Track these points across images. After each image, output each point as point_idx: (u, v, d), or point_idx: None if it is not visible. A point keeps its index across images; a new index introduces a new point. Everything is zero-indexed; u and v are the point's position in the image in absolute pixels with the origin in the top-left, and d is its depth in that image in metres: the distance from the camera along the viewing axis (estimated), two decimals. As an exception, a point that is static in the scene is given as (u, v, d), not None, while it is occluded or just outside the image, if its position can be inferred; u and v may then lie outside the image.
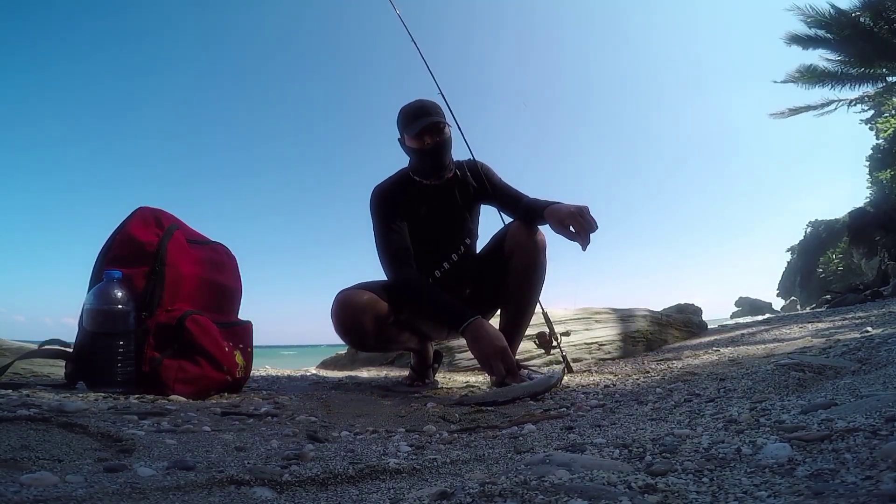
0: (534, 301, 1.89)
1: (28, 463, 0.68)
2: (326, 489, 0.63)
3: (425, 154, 1.79)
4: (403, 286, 1.74)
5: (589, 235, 1.58)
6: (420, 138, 1.77)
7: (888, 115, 13.66)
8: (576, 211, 1.58)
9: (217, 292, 1.64)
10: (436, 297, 1.70)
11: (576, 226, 1.58)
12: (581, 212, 1.58)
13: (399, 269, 1.75)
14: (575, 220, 1.58)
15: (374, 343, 1.75)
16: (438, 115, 1.79)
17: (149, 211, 1.58)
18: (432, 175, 1.86)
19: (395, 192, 1.85)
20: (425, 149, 1.78)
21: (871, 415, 0.67)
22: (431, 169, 1.84)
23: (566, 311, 3.51)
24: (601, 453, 0.69)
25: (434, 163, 1.83)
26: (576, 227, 1.58)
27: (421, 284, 1.73)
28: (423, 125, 1.74)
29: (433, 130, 1.77)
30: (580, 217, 1.57)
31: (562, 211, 1.62)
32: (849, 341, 1.74)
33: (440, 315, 1.72)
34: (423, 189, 1.87)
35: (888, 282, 7.70)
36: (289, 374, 2.55)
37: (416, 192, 1.86)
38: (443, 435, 1.01)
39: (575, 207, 1.60)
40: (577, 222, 1.57)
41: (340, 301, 1.68)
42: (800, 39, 10.32)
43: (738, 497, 0.48)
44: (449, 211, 1.89)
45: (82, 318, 1.42)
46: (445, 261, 1.89)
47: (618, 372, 2.03)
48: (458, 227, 1.92)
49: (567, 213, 1.60)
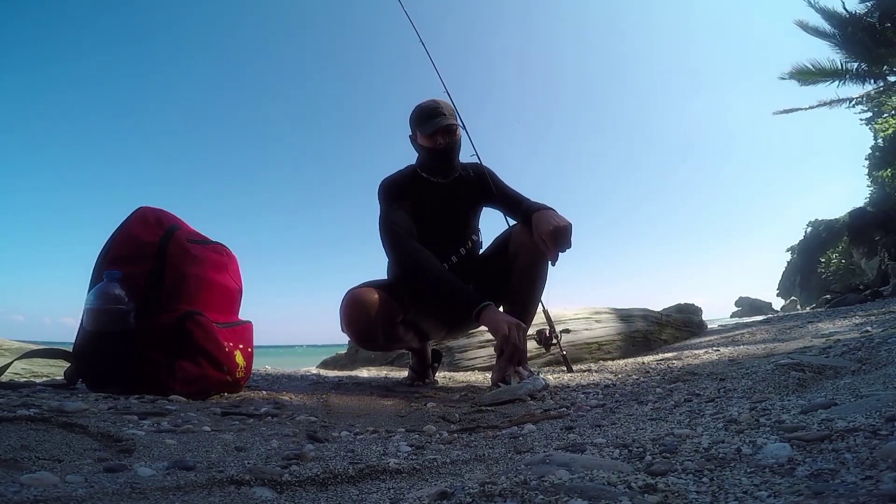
0: (536, 301, 1.91)
1: (28, 463, 0.68)
2: (326, 489, 0.63)
3: (437, 154, 1.84)
4: (413, 263, 1.69)
5: (558, 254, 1.68)
6: (433, 138, 1.81)
7: (888, 115, 13.66)
8: (553, 230, 1.65)
9: (217, 292, 1.64)
10: (449, 277, 1.68)
11: (550, 243, 1.66)
12: (558, 231, 1.65)
13: (408, 244, 1.72)
14: (551, 238, 1.66)
15: (382, 341, 1.77)
16: (452, 117, 1.84)
17: (149, 211, 1.58)
18: (441, 174, 1.90)
19: (403, 185, 1.89)
20: (437, 148, 1.82)
21: (871, 415, 0.67)
22: (441, 168, 1.89)
23: (566, 310, 3.51)
24: (601, 453, 0.69)
25: (444, 163, 1.87)
26: (550, 245, 1.67)
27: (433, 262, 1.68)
28: (437, 126, 1.78)
29: (447, 132, 1.82)
30: (556, 236, 1.65)
31: (543, 224, 1.68)
32: (849, 341, 1.74)
33: (452, 296, 1.65)
34: (430, 185, 1.90)
35: (888, 282, 7.69)
36: (289, 373, 2.55)
37: (423, 188, 1.89)
38: (443, 435, 1.01)
39: (554, 226, 1.65)
40: (553, 241, 1.66)
41: (350, 299, 1.69)
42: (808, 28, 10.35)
43: (738, 497, 0.48)
44: (454, 208, 1.93)
45: (82, 318, 1.42)
46: (451, 257, 1.92)
47: (618, 372, 2.03)
48: (464, 225, 1.95)
49: (546, 230, 1.66)
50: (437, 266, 1.69)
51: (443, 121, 1.79)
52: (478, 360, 2.81)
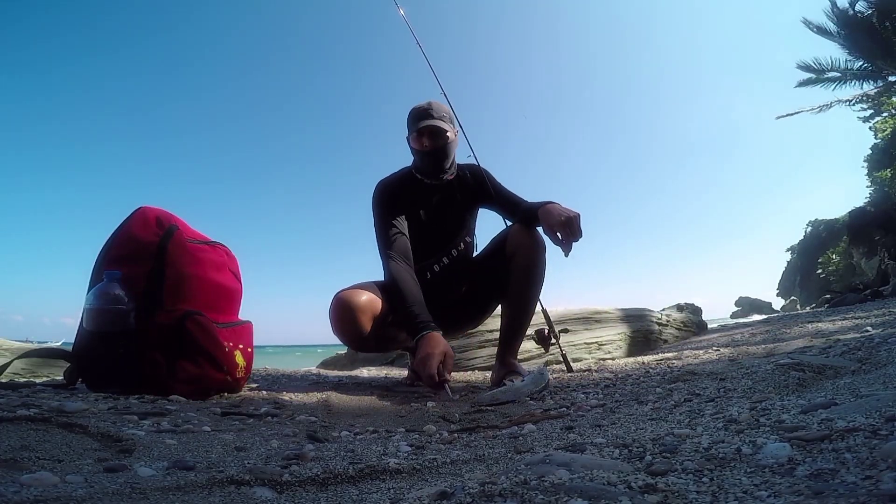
0: (534, 300, 1.91)
1: (28, 463, 0.68)
2: (326, 489, 0.63)
3: (424, 155, 1.84)
4: (389, 280, 1.75)
5: (571, 244, 1.64)
6: (420, 140, 1.82)
7: (887, 115, 13.65)
8: (565, 220, 1.62)
9: (217, 292, 1.64)
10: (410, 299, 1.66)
11: (563, 233, 1.63)
12: (570, 221, 1.62)
13: (388, 262, 1.77)
14: (563, 228, 1.62)
15: (373, 343, 1.76)
16: (442, 119, 1.82)
17: (149, 211, 1.58)
18: (431, 175, 1.90)
19: (398, 188, 1.90)
20: (423, 150, 1.83)
21: (871, 414, 0.67)
22: (429, 169, 1.88)
23: (566, 310, 3.51)
24: (601, 453, 0.69)
25: (432, 164, 1.87)
26: (562, 235, 1.63)
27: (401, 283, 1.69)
28: (420, 127, 1.79)
29: (432, 134, 1.81)
30: (568, 226, 1.62)
31: (553, 216, 1.65)
32: (849, 341, 1.74)
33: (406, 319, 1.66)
34: (425, 187, 1.91)
35: (888, 282, 7.69)
36: (289, 373, 2.55)
37: (418, 190, 1.90)
38: (443, 435, 1.01)
39: (565, 216, 1.63)
40: (565, 231, 1.62)
41: (338, 302, 1.69)
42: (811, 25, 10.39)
43: (738, 497, 0.48)
44: (448, 210, 1.92)
45: (82, 318, 1.42)
46: (443, 258, 1.92)
47: (618, 372, 2.03)
48: (456, 227, 1.94)
49: (557, 221, 1.63)
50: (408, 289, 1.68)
51: (428, 122, 1.79)
52: (478, 360, 2.80)
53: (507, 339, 1.88)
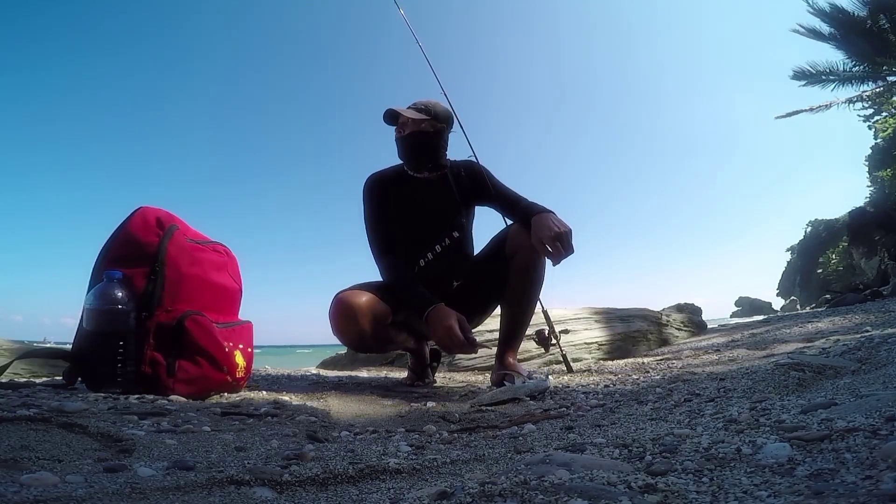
0: (534, 299, 1.90)
1: (28, 463, 0.68)
2: (326, 489, 0.63)
3: (398, 143, 1.89)
4: (384, 273, 1.81)
5: (561, 258, 1.64)
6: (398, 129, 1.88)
7: (887, 115, 13.66)
8: (555, 235, 1.62)
9: (217, 292, 1.64)
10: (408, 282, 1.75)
11: (553, 248, 1.63)
12: (560, 237, 1.62)
13: (381, 256, 1.83)
14: (552, 242, 1.63)
15: (373, 344, 1.76)
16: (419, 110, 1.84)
17: (149, 211, 1.58)
18: (411, 166, 1.92)
19: (387, 181, 1.93)
20: (398, 137, 1.88)
21: (871, 414, 0.67)
22: (408, 160, 1.92)
23: (566, 310, 3.51)
24: (601, 453, 0.69)
25: (408, 153, 1.90)
26: (552, 249, 1.64)
27: (397, 273, 1.79)
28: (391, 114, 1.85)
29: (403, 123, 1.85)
30: (558, 241, 1.62)
31: (544, 229, 1.65)
32: (849, 341, 1.74)
33: (408, 301, 1.74)
34: (414, 181, 1.92)
35: (888, 282, 7.68)
36: (289, 373, 2.55)
37: (407, 184, 1.92)
38: (443, 435, 1.01)
39: (556, 232, 1.63)
40: (555, 246, 1.63)
41: (338, 302, 1.69)
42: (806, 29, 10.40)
43: (738, 497, 0.48)
44: (436, 204, 1.92)
45: (82, 318, 1.42)
46: (429, 252, 1.92)
47: (618, 372, 2.03)
48: (444, 221, 1.94)
49: (548, 235, 1.63)
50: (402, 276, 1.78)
51: (392, 108, 1.83)
52: (478, 359, 2.80)
53: (506, 340, 1.88)
